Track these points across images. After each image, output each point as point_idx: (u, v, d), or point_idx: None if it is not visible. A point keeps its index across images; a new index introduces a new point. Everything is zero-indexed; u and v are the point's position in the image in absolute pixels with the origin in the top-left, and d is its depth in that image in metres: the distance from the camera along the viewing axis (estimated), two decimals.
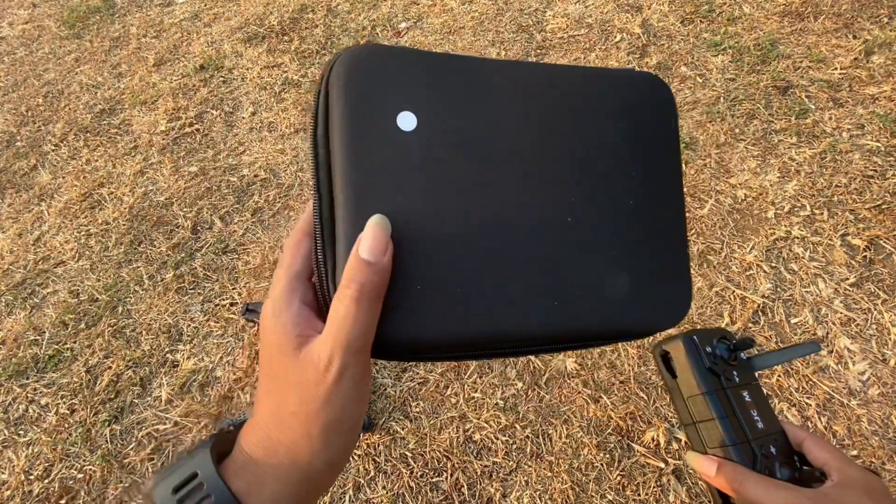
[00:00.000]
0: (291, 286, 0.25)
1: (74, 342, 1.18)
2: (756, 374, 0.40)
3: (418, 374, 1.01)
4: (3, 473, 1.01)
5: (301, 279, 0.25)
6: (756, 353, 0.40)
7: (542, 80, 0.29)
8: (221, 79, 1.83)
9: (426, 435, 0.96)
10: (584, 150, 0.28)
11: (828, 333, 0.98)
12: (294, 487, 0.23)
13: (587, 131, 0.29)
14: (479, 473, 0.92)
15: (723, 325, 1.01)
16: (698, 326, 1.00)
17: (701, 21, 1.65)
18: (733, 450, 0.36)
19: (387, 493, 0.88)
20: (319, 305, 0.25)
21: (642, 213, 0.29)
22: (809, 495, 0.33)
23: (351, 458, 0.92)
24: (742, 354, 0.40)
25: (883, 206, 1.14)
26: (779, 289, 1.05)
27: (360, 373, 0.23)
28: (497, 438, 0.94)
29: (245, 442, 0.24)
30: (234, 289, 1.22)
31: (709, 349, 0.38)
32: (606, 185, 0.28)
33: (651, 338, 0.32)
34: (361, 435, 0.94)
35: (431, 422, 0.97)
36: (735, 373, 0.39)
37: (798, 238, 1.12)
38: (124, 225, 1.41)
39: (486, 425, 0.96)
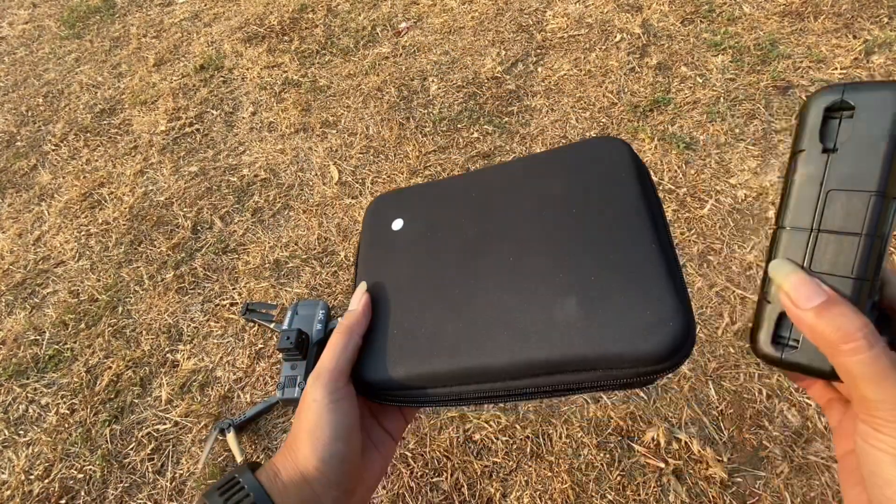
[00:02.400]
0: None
1: (74, 342, 1.18)
2: None
3: None
4: (3, 473, 1.01)
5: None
6: None
7: (499, 174, 0.37)
8: (221, 79, 1.83)
9: (426, 435, 0.96)
10: (530, 209, 0.34)
11: None
12: (297, 483, 0.30)
13: (532, 194, 0.34)
14: (479, 473, 0.92)
15: (723, 325, 1.01)
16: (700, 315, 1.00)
17: (701, 21, 1.65)
18: (854, 285, 0.24)
19: (387, 493, 0.88)
20: None
21: (595, 248, 0.30)
22: None
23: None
24: None
25: None
26: None
27: (325, 394, 0.31)
28: (497, 438, 0.94)
29: (275, 459, 0.32)
30: (234, 289, 1.22)
31: None
32: (550, 231, 0.32)
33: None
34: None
35: (431, 422, 0.97)
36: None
37: None
38: (124, 225, 1.41)
39: (486, 425, 0.96)
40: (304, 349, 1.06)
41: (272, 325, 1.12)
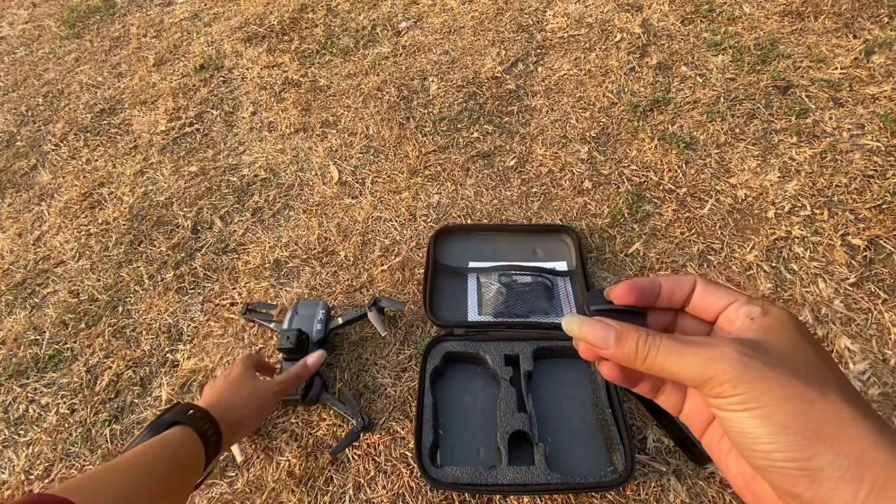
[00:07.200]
0: (254, 362, 0.86)
1: (74, 342, 1.18)
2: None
3: (418, 374, 1.01)
4: (3, 473, 1.01)
5: (256, 363, 0.88)
6: None
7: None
8: (221, 78, 1.83)
9: None
10: None
11: (828, 333, 0.98)
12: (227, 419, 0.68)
13: None
14: None
15: None
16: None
17: (701, 21, 1.65)
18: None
19: (387, 492, 0.88)
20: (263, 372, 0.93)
21: None
22: (735, 346, 0.24)
23: (351, 458, 0.92)
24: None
25: (883, 206, 1.14)
26: (779, 288, 1.05)
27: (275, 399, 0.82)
28: None
29: (208, 404, 0.69)
30: (234, 289, 1.22)
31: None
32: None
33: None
34: (362, 435, 0.94)
35: None
36: None
37: (798, 238, 1.12)
38: (124, 225, 1.41)
39: None
40: (304, 349, 1.06)
41: (272, 325, 1.12)
